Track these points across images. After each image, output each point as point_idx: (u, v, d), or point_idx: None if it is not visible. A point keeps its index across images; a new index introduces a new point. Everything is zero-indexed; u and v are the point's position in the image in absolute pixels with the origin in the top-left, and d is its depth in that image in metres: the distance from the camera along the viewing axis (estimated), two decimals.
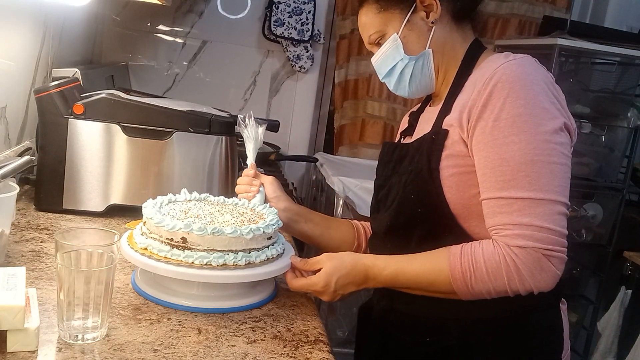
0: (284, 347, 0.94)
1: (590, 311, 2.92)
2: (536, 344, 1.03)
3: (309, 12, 2.74)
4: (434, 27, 1.08)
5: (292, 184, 2.45)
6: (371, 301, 1.20)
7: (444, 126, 1.03)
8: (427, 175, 1.02)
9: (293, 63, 2.80)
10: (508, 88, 0.96)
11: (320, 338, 0.99)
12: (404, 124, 1.25)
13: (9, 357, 0.79)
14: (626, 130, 2.76)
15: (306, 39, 2.76)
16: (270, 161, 2.62)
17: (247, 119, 1.25)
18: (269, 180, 1.28)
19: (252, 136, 1.26)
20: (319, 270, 1.05)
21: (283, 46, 2.79)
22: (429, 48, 1.09)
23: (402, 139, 1.22)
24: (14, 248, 1.17)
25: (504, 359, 1.03)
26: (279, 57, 2.85)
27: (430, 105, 1.19)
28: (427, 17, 1.08)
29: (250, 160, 1.28)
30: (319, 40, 2.84)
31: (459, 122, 1.01)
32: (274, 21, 2.72)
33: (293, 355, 0.92)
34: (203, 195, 1.22)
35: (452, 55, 1.10)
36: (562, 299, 1.10)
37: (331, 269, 1.04)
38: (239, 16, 2.79)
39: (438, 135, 1.03)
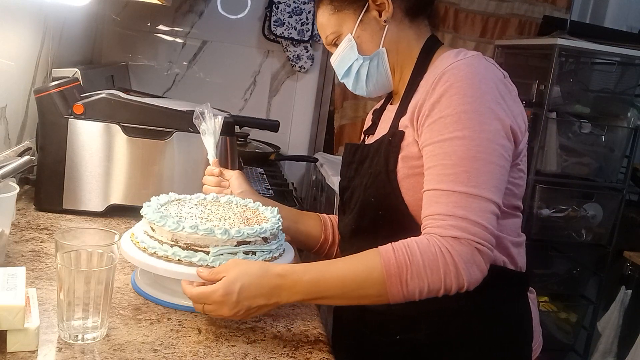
0: (284, 347, 0.94)
1: (590, 311, 2.92)
2: (505, 334, 1.05)
3: (309, 12, 2.74)
4: (386, 26, 1.08)
5: (292, 184, 2.45)
6: None
7: (400, 127, 1.04)
8: (385, 177, 1.03)
9: (293, 63, 2.80)
10: (456, 87, 0.96)
11: (320, 338, 0.99)
12: (367, 122, 1.26)
13: (9, 357, 0.79)
14: (626, 130, 2.76)
15: (306, 39, 2.76)
16: (270, 161, 2.62)
17: (205, 111, 1.21)
18: (235, 175, 1.27)
19: (211, 129, 1.21)
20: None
21: (283, 46, 2.79)
22: (382, 47, 1.09)
23: (365, 138, 1.23)
24: (14, 248, 1.17)
25: (474, 351, 1.04)
26: (279, 57, 2.84)
27: (391, 104, 1.19)
28: (380, 16, 1.08)
29: (212, 156, 1.24)
30: (319, 40, 2.84)
31: (412, 122, 1.01)
32: (274, 21, 2.72)
33: (293, 355, 0.92)
34: (210, 196, 1.22)
35: (408, 53, 1.10)
36: (531, 287, 1.11)
37: (234, 275, 0.90)
38: (239, 16, 2.79)
39: (394, 137, 1.04)
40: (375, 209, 1.05)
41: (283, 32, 2.73)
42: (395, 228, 1.03)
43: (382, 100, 1.25)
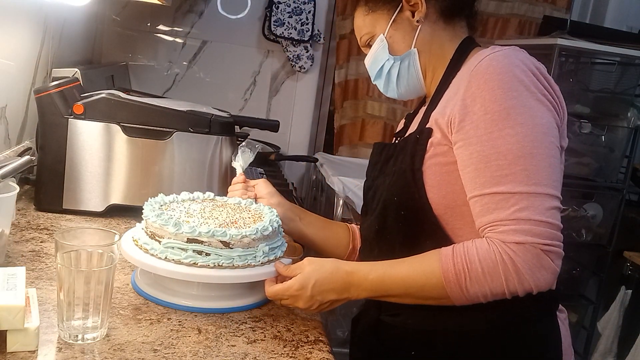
0: (284, 347, 0.94)
1: (590, 311, 2.93)
2: (527, 358, 0.98)
3: (309, 12, 2.74)
4: (419, 27, 1.06)
5: (292, 184, 2.45)
6: (361, 313, 1.16)
7: (430, 123, 1.00)
8: (410, 176, 0.99)
9: (293, 63, 2.80)
10: (497, 79, 0.92)
11: (320, 338, 0.99)
12: (399, 126, 1.23)
13: (9, 357, 0.79)
14: (626, 130, 2.76)
15: (306, 39, 2.76)
16: (270, 161, 2.62)
17: (253, 148, 1.28)
18: (260, 182, 1.28)
19: (247, 160, 1.29)
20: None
21: (283, 46, 2.79)
22: (414, 47, 1.07)
23: (395, 141, 1.19)
24: (14, 248, 1.17)
25: None
26: (279, 57, 2.85)
27: (423, 107, 1.14)
28: (413, 16, 1.06)
29: (239, 172, 1.30)
30: (319, 40, 2.84)
31: (443, 117, 0.97)
32: (274, 21, 2.72)
33: (293, 355, 0.92)
34: (207, 194, 1.23)
35: (440, 54, 1.07)
36: (560, 306, 1.03)
37: (309, 272, 0.98)
38: (239, 16, 2.79)
39: (422, 134, 1.00)
40: (398, 209, 1.01)
41: (283, 32, 2.73)
42: (415, 231, 1.00)
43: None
